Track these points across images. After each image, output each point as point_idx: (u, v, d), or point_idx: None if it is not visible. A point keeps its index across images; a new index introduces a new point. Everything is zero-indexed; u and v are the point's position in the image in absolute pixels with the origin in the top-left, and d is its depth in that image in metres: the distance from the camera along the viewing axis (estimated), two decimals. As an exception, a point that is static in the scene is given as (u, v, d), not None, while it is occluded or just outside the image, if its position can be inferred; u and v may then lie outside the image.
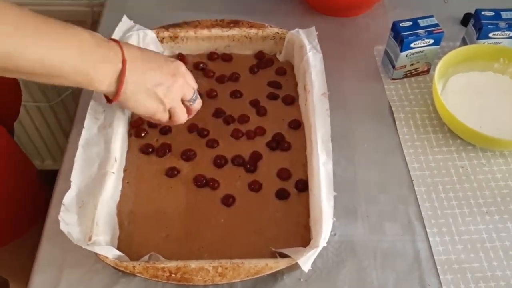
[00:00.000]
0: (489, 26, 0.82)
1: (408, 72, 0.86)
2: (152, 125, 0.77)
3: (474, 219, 0.70)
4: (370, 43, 0.93)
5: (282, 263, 0.58)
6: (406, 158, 0.77)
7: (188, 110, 0.70)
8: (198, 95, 0.71)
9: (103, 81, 0.60)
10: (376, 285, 0.64)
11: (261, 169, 0.73)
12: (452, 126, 0.78)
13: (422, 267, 0.66)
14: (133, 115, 0.78)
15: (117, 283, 0.64)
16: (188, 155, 0.74)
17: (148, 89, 0.63)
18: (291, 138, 0.76)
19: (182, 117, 0.69)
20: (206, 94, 0.82)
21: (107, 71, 0.60)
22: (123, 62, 0.60)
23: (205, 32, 0.84)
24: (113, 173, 0.67)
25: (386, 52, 0.86)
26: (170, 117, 0.68)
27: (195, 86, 0.70)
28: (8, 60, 0.52)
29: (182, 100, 0.68)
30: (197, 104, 0.71)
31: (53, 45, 0.55)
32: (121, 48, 0.60)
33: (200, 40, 0.85)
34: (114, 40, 0.62)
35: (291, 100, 0.80)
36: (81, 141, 0.69)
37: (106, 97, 0.66)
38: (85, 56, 0.57)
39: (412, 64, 0.84)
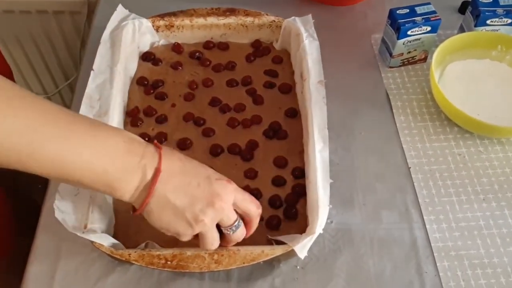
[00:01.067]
0: (486, 13, 0.81)
1: (405, 60, 0.85)
2: (148, 114, 0.77)
3: (472, 206, 0.70)
4: (367, 32, 0.93)
5: (278, 250, 0.58)
6: (403, 146, 0.76)
7: (225, 238, 0.57)
8: (241, 223, 0.57)
9: (126, 192, 0.51)
10: (373, 273, 0.64)
11: (257, 157, 0.72)
12: (449, 113, 0.78)
13: (419, 255, 0.66)
14: (128, 103, 0.78)
15: (114, 272, 0.63)
16: (184, 144, 0.73)
17: (176, 208, 0.52)
18: (287, 127, 0.75)
19: (210, 244, 0.56)
20: (202, 83, 0.81)
21: (132, 182, 0.51)
22: (156, 172, 0.51)
23: (201, 20, 0.84)
24: (109, 161, 0.67)
25: (383, 40, 0.86)
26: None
27: (245, 210, 0.56)
28: (16, 157, 0.45)
29: (219, 226, 0.56)
30: (239, 234, 0.57)
31: (72, 148, 0.48)
32: (160, 157, 0.52)
33: (196, 29, 0.85)
34: (156, 145, 0.53)
35: (288, 89, 0.80)
36: (76, 130, 0.68)
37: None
38: (109, 165, 0.49)
39: (409, 52, 0.84)
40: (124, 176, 0.50)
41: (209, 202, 0.52)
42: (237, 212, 0.56)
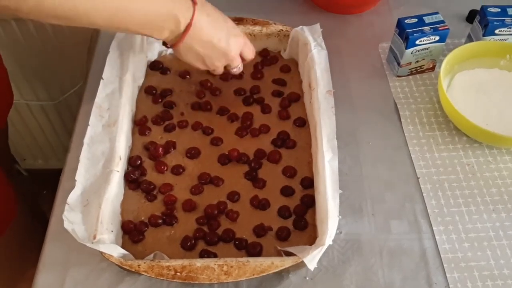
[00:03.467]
0: (495, 23, 0.81)
1: (413, 69, 0.85)
2: (156, 122, 0.77)
3: (481, 216, 0.70)
4: (375, 40, 0.93)
5: (287, 262, 0.58)
6: (412, 155, 0.76)
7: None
8: (241, 66, 0.76)
9: (162, 36, 0.65)
10: (382, 284, 0.64)
11: (265, 167, 0.72)
12: (458, 123, 0.78)
13: (428, 266, 0.65)
14: (137, 113, 0.78)
15: (122, 282, 0.63)
16: (192, 153, 0.73)
17: (199, 54, 0.69)
18: (296, 136, 0.75)
19: (218, 72, 0.75)
20: (210, 92, 0.81)
21: (167, 31, 0.64)
22: (188, 27, 0.64)
23: (209, 29, 0.84)
24: (118, 171, 0.67)
25: (391, 49, 0.86)
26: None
27: (245, 57, 0.75)
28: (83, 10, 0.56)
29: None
30: (236, 70, 0.76)
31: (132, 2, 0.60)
32: (193, 13, 0.64)
33: (204, 38, 0.85)
34: (194, 1, 0.65)
35: (296, 98, 0.80)
36: (86, 139, 0.68)
37: (164, 42, 0.70)
38: (153, 16, 0.62)
39: (417, 61, 0.83)
40: (163, 25, 0.64)
41: (223, 54, 0.70)
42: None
